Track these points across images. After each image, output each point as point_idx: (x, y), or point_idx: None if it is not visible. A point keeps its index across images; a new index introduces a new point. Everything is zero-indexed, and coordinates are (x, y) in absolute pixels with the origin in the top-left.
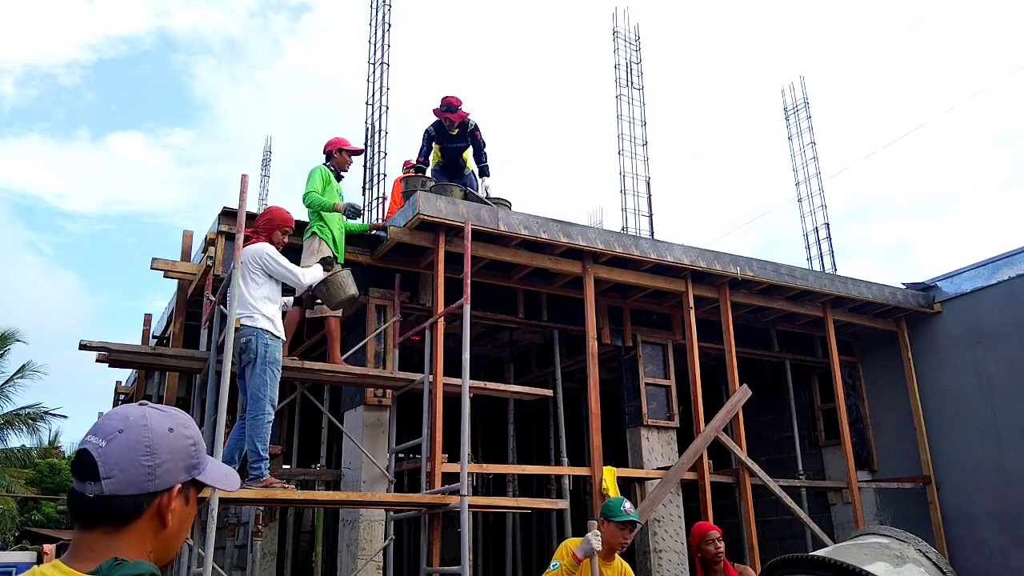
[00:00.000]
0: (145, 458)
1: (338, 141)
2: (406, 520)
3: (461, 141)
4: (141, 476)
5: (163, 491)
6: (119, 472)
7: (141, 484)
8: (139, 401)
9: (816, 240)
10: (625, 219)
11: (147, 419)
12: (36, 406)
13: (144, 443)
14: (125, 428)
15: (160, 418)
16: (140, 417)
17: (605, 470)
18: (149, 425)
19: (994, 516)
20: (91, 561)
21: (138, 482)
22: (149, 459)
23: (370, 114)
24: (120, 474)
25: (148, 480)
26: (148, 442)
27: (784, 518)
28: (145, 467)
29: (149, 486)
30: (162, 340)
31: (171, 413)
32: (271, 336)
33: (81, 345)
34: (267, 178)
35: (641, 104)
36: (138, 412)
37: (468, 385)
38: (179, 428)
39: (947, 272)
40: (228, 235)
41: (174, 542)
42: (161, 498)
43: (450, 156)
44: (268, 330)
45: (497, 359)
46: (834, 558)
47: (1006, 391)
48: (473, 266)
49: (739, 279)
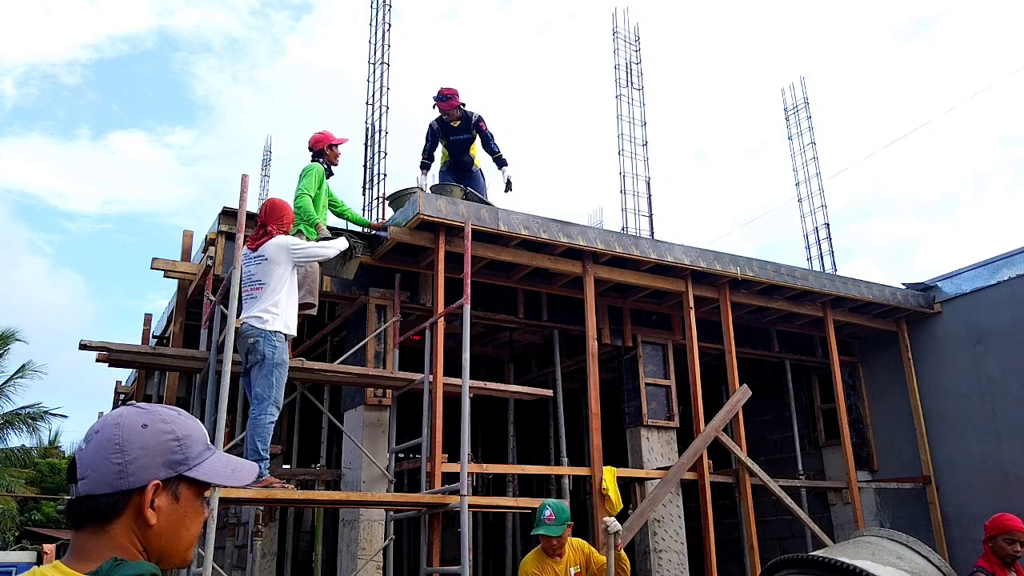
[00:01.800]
0: (115, 456)
1: (324, 136)
2: (406, 520)
3: (465, 133)
4: (112, 474)
5: (137, 489)
6: (92, 472)
7: (114, 482)
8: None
9: (816, 240)
10: (625, 219)
11: (121, 418)
12: (36, 406)
13: (114, 441)
14: (101, 429)
15: (136, 415)
16: (116, 417)
17: (605, 470)
18: (121, 423)
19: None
20: (89, 561)
21: (110, 480)
22: (119, 456)
23: (370, 114)
24: (93, 473)
25: (120, 478)
26: (118, 440)
27: (784, 518)
28: (115, 464)
29: (122, 484)
30: (162, 340)
31: (152, 410)
32: (280, 338)
33: (81, 345)
34: (267, 178)
35: (641, 104)
36: (116, 412)
37: (468, 385)
38: (156, 424)
39: (947, 272)
40: (228, 235)
41: (173, 542)
42: (140, 495)
43: (456, 150)
44: (279, 331)
45: (497, 359)
46: (834, 558)
47: (1006, 391)
48: (473, 266)
49: (739, 279)
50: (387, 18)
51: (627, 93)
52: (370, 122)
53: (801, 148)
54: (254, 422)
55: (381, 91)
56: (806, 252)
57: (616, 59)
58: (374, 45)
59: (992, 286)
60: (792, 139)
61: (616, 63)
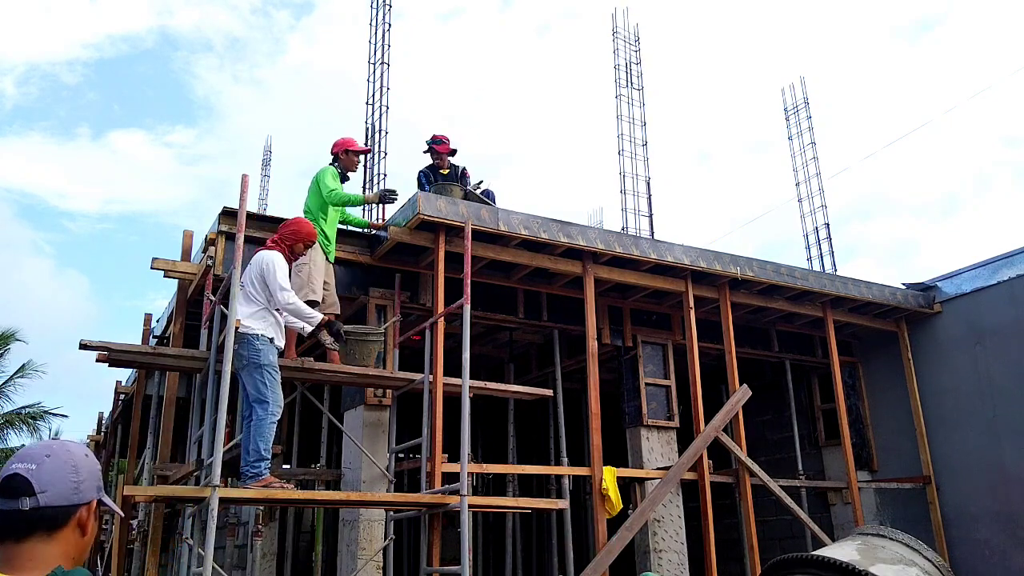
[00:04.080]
0: (72, 475)
1: (345, 142)
2: (406, 520)
3: (452, 180)
4: (69, 489)
5: (84, 504)
6: (51, 487)
7: (69, 496)
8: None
9: (816, 240)
10: (625, 219)
11: (66, 447)
12: (36, 405)
13: (71, 463)
14: (51, 454)
15: (75, 447)
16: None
17: (605, 470)
18: (71, 451)
19: (994, 516)
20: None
21: (67, 494)
22: (75, 475)
23: (370, 114)
24: (52, 488)
25: (75, 493)
26: (73, 463)
27: (784, 518)
28: (72, 482)
29: (76, 498)
30: (162, 340)
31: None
32: (263, 340)
33: (81, 345)
34: (267, 178)
35: (641, 104)
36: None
37: (468, 385)
38: (90, 455)
39: (947, 272)
40: (228, 235)
41: (86, 551)
42: (82, 510)
43: None
44: (261, 334)
45: (497, 359)
46: (835, 558)
47: (1006, 391)
48: (473, 266)
49: (739, 279)
50: (387, 18)
51: (627, 93)
52: (370, 122)
53: (801, 148)
54: (257, 423)
55: (381, 91)
56: (806, 252)
57: (616, 59)
58: (374, 45)
59: (992, 286)
60: (792, 139)
61: (616, 63)
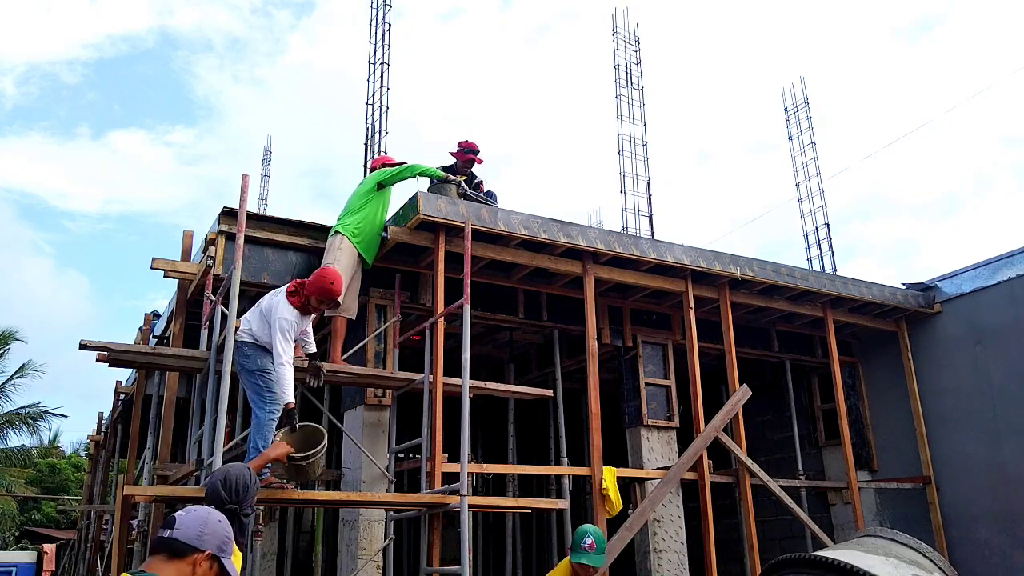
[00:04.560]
0: (200, 527)
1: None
2: (406, 520)
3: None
4: (194, 535)
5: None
6: (184, 528)
7: (192, 539)
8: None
9: (816, 240)
10: (625, 219)
11: (209, 510)
12: (36, 405)
13: (202, 519)
14: (196, 511)
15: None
16: (207, 509)
17: (605, 470)
18: (210, 512)
19: (994, 516)
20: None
21: (191, 538)
22: (202, 528)
23: (370, 114)
24: (185, 528)
25: (197, 539)
26: (204, 519)
27: (784, 518)
28: (198, 531)
29: (196, 543)
30: (162, 340)
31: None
32: (250, 347)
33: (81, 345)
34: (267, 178)
35: (641, 104)
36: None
37: (468, 385)
38: (223, 521)
39: (947, 272)
40: (228, 235)
41: None
42: (199, 555)
43: None
44: (248, 341)
45: (497, 359)
46: (835, 558)
47: (1006, 391)
48: (473, 266)
49: (739, 279)
50: (387, 18)
51: (627, 93)
52: (370, 122)
53: (801, 148)
54: (257, 424)
55: (381, 91)
56: (806, 252)
57: (616, 59)
58: (374, 45)
59: (992, 286)
60: (792, 139)
61: (616, 63)
